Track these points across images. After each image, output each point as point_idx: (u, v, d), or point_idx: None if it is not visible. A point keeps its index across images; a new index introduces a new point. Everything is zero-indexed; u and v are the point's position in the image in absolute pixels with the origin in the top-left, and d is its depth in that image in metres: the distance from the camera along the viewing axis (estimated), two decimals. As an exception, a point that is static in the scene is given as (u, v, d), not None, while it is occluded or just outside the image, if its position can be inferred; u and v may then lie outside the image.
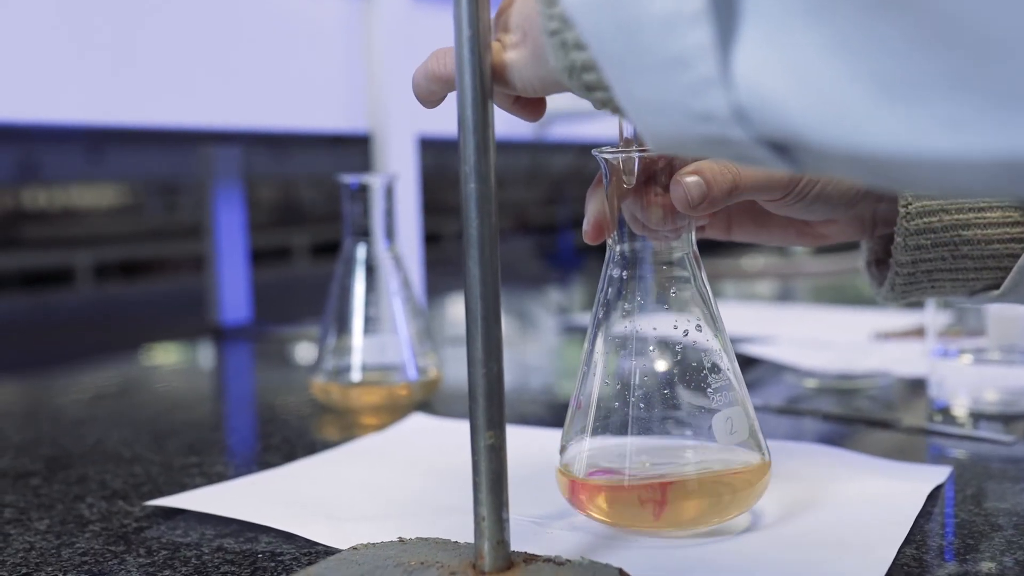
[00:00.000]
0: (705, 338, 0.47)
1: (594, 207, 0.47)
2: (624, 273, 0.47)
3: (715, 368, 0.46)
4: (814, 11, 0.25)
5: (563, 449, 0.48)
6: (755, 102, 0.27)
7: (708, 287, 0.47)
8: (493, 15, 0.40)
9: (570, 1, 0.30)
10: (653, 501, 0.45)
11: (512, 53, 0.38)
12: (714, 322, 0.47)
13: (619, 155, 0.45)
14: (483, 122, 0.39)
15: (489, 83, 0.39)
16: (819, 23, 0.25)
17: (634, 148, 0.45)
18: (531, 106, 0.42)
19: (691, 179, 0.44)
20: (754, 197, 0.47)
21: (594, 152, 0.46)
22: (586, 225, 0.47)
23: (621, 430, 0.46)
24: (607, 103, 0.33)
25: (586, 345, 0.48)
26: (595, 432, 0.47)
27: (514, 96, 0.41)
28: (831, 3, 0.25)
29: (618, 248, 0.47)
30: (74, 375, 1.00)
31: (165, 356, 1.14)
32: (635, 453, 0.46)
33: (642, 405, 0.46)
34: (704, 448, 0.46)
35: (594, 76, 0.32)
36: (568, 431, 0.48)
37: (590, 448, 0.47)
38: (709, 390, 0.46)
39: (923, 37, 0.24)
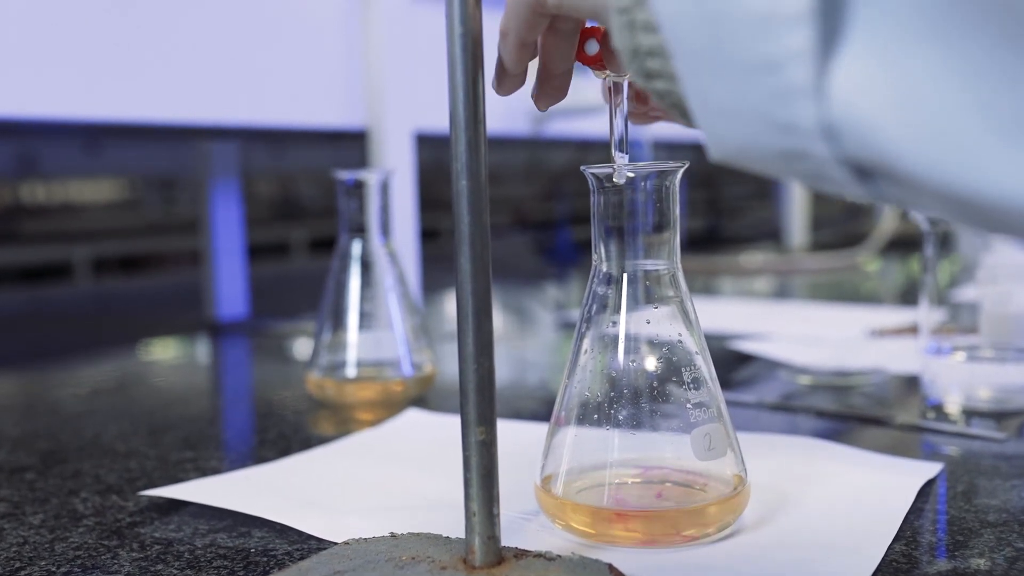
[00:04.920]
0: (686, 354, 0.47)
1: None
2: (608, 290, 0.47)
3: (695, 384, 0.46)
4: (937, 31, 0.23)
5: (543, 465, 0.48)
6: (849, 119, 0.25)
7: (691, 304, 0.47)
8: None
9: None
10: (626, 525, 0.45)
11: None
12: (695, 339, 0.47)
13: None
14: (474, 119, 0.39)
15: (482, 81, 0.39)
16: (940, 44, 0.23)
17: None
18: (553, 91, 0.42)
19: None
20: None
21: (582, 167, 0.47)
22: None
23: (600, 446, 0.46)
24: (666, 96, 0.30)
25: (569, 359, 0.48)
26: (574, 447, 0.47)
27: (528, 61, 0.41)
28: (958, 25, 0.23)
29: (603, 266, 0.47)
30: (71, 369, 1.00)
31: (162, 351, 1.14)
32: (613, 472, 0.46)
33: (622, 419, 0.46)
34: (682, 466, 0.47)
35: (659, 64, 0.29)
36: (547, 445, 0.48)
37: (568, 465, 0.47)
38: (688, 405, 0.46)
39: None
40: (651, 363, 0.46)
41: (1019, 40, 0.22)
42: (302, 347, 1.09)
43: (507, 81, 0.42)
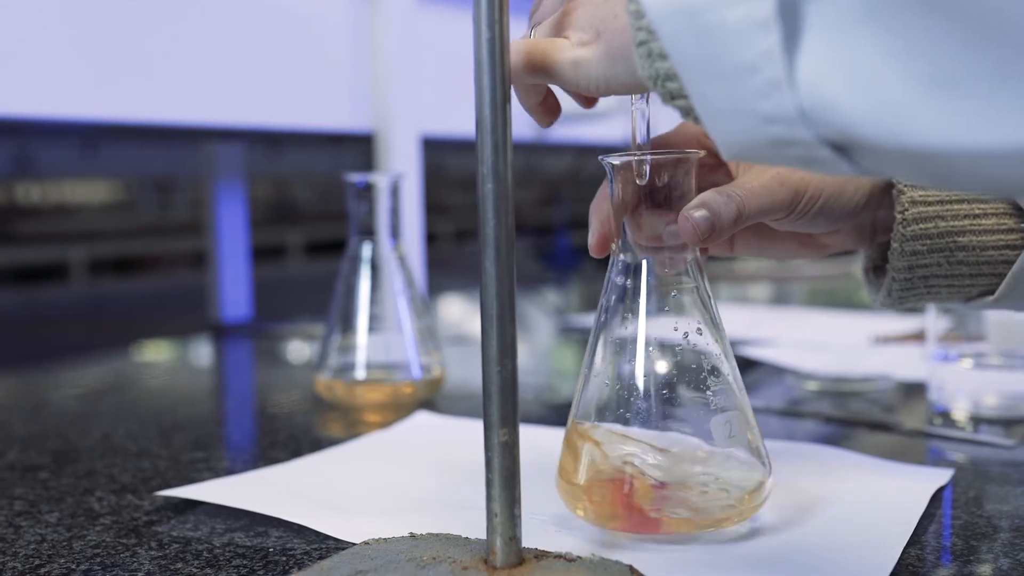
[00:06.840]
0: (706, 342, 0.47)
1: (599, 219, 0.48)
2: (627, 280, 0.47)
3: (715, 371, 0.47)
4: (872, 16, 0.27)
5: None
6: (816, 103, 0.28)
7: (709, 292, 0.48)
8: (540, 12, 0.42)
9: (653, 11, 0.31)
10: (648, 512, 0.45)
11: (581, 50, 0.39)
12: (715, 327, 0.47)
13: (628, 159, 0.46)
14: (501, 123, 0.39)
15: (508, 85, 0.39)
16: (876, 27, 0.27)
17: (642, 152, 0.46)
18: (551, 110, 0.44)
19: (698, 213, 0.45)
20: (760, 220, 0.47)
21: (601, 158, 0.47)
22: (591, 239, 0.48)
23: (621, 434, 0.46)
24: (689, 112, 0.33)
25: (588, 349, 0.48)
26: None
27: (541, 98, 0.43)
28: (888, 9, 0.26)
29: (621, 255, 0.47)
30: (73, 371, 1.00)
31: (166, 352, 1.14)
32: (635, 460, 0.46)
33: (642, 408, 0.46)
34: (704, 455, 0.47)
35: (676, 85, 0.33)
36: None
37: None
38: (708, 393, 0.46)
39: (970, 36, 0.25)
40: (670, 350, 0.47)
41: (940, 6, 0.25)
42: (307, 349, 1.09)
43: None
